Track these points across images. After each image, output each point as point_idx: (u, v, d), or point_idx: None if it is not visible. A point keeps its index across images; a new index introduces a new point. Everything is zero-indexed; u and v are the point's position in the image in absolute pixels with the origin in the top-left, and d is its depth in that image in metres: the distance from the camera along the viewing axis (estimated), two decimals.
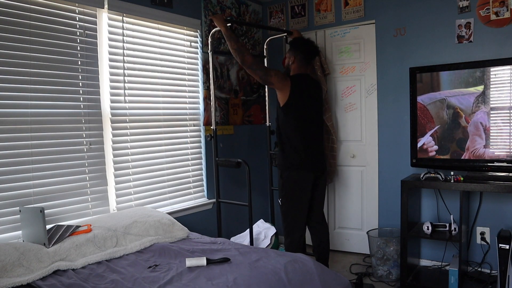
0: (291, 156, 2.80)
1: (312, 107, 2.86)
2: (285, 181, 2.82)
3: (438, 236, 2.93)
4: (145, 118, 3.03)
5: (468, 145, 2.90)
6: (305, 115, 2.82)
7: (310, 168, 2.82)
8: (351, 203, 3.75)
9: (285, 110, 2.79)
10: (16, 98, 2.32)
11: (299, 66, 2.88)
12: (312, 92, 2.88)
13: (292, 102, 2.77)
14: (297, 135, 2.79)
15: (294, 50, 2.89)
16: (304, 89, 2.81)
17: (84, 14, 2.63)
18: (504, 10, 2.89)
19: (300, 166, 2.80)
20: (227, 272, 1.95)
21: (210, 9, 3.49)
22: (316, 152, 2.88)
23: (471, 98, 2.88)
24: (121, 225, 2.42)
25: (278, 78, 2.75)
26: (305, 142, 2.80)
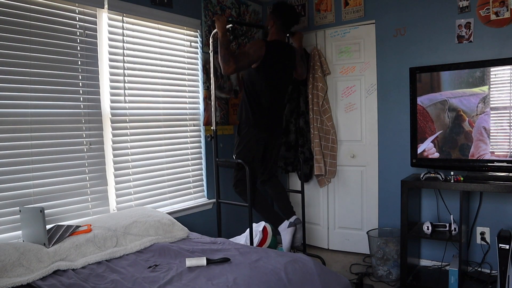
0: (251, 114, 2.94)
1: (282, 72, 3.00)
2: (241, 138, 2.98)
3: (438, 236, 2.93)
4: (145, 118, 3.03)
5: (473, 151, 2.85)
6: (273, 78, 2.95)
7: (265, 128, 2.98)
8: (351, 203, 3.75)
9: (256, 70, 2.91)
10: (16, 98, 2.32)
11: (276, 32, 2.99)
12: (284, 59, 2.99)
13: (264, 66, 2.88)
14: (262, 95, 2.93)
15: (275, 15, 2.97)
16: (276, 56, 2.92)
17: (84, 14, 2.63)
18: (504, 10, 2.89)
19: (256, 125, 2.94)
20: (227, 272, 1.95)
21: (210, 9, 3.49)
22: (275, 114, 3.04)
23: (475, 100, 2.86)
24: (121, 225, 2.42)
25: (256, 54, 2.86)
26: (268, 102, 2.96)
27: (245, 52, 2.90)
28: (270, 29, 2.99)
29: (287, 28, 3.00)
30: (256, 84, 2.92)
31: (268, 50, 2.87)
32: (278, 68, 2.94)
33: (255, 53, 2.87)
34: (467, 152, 2.87)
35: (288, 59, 3.04)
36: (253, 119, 2.93)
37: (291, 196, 4.13)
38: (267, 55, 2.87)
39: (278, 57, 2.91)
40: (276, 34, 2.97)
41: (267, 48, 2.87)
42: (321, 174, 3.71)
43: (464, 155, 2.89)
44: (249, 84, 2.95)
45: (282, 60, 2.95)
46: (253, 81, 2.92)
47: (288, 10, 2.98)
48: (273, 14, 2.97)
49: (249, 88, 2.95)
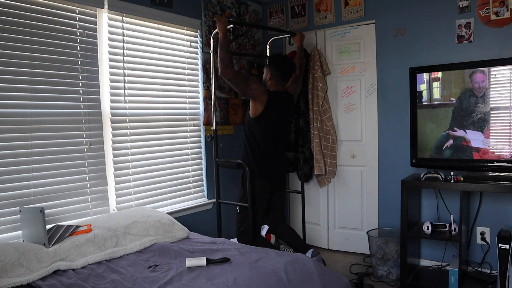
0: (254, 164, 2.89)
1: (282, 123, 2.98)
2: (245, 191, 2.90)
3: (438, 236, 2.93)
4: (145, 118, 3.03)
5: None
6: (274, 129, 2.91)
7: (269, 179, 2.94)
8: (351, 203, 3.75)
9: (256, 120, 2.86)
10: (16, 98, 2.32)
11: (275, 83, 2.95)
12: (284, 109, 2.97)
13: (264, 116, 2.84)
14: (263, 145, 2.89)
15: (271, 67, 2.93)
16: (278, 106, 2.89)
17: (84, 14, 2.63)
18: (504, 10, 2.89)
19: (261, 176, 2.90)
20: (227, 272, 1.95)
21: (210, 9, 3.49)
22: (277, 164, 3.00)
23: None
24: (121, 225, 2.42)
25: (257, 92, 2.80)
26: (269, 153, 2.92)
27: (246, 79, 2.84)
28: (268, 81, 2.97)
29: (285, 77, 2.96)
30: (257, 134, 2.88)
31: (269, 100, 2.82)
32: (279, 119, 2.92)
33: (255, 90, 2.79)
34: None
35: (288, 108, 3.02)
36: (257, 168, 2.88)
37: (291, 196, 4.14)
38: (268, 105, 2.82)
39: (278, 108, 2.89)
40: (275, 86, 2.94)
41: (269, 98, 2.82)
42: (321, 174, 3.71)
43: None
44: (249, 134, 2.91)
45: (282, 110, 2.93)
46: (253, 131, 2.89)
47: (284, 62, 2.95)
48: (270, 67, 2.94)
49: (249, 137, 2.92)
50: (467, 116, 2.90)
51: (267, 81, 2.97)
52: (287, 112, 3.02)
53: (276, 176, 3.01)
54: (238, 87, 2.79)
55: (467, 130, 2.91)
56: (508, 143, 2.78)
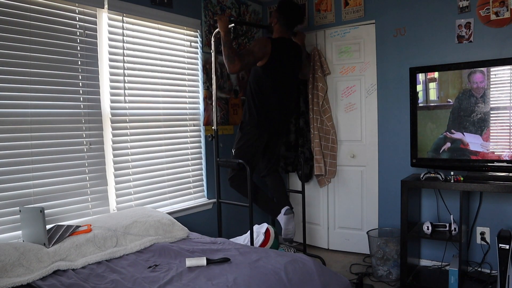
0: (255, 114, 2.93)
1: (288, 72, 2.98)
2: (243, 134, 2.98)
3: (438, 236, 2.93)
4: (145, 118, 3.03)
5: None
6: (280, 76, 2.93)
7: (267, 129, 2.97)
8: (351, 203, 3.75)
9: (263, 69, 2.88)
10: (16, 98, 2.32)
11: (280, 30, 2.97)
12: (290, 56, 2.97)
13: (270, 65, 2.86)
14: (268, 94, 2.91)
15: (278, 12, 2.96)
16: (282, 53, 2.90)
17: (84, 14, 2.63)
18: (504, 10, 2.89)
19: (259, 126, 2.93)
20: (227, 272, 1.95)
21: (210, 9, 3.49)
22: (281, 115, 3.02)
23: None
24: (121, 225, 2.42)
25: (262, 49, 2.83)
26: (272, 103, 2.94)
27: (249, 50, 2.88)
28: (273, 26, 2.98)
29: (290, 25, 2.97)
30: (262, 83, 2.90)
31: (274, 47, 2.85)
32: (285, 65, 2.92)
33: (260, 51, 2.85)
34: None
35: (294, 56, 3.02)
36: (257, 119, 2.91)
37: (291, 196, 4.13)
38: (273, 52, 2.84)
39: (284, 54, 2.89)
40: (280, 32, 2.95)
41: (273, 45, 2.85)
42: (321, 174, 3.71)
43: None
44: (254, 84, 2.92)
45: (288, 57, 2.93)
46: (259, 81, 2.90)
47: (293, 8, 2.96)
48: (277, 11, 2.96)
49: (254, 88, 2.93)
50: (466, 117, 2.90)
51: (273, 25, 2.98)
52: (293, 60, 3.01)
53: (275, 128, 3.05)
54: (250, 65, 2.86)
55: (465, 133, 2.91)
56: (508, 143, 2.78)
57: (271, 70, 2.88)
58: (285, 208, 3.07)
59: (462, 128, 2.92)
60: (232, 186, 3.13)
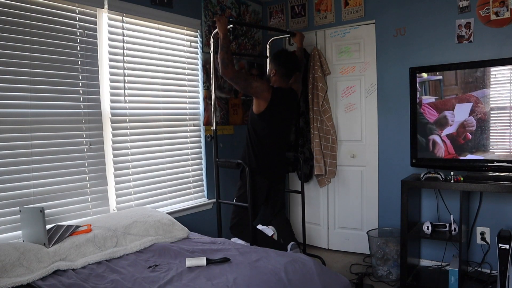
0: (254, 161, 2.90)
1: (285, 120, 2.99)
2: (243, 183, 2.94)
3: (438, 236, 2.93)
4: (145, 118, 3.03)
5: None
6: (277, 125, 2.92)
7: (267, 176, 2.95)
8: (351, 203, 3.75)
9: (259, 117, 2.86)
10: (16, 98, 2.32)
11: (279, 80, 2.94)
12: (288, 106, 2.97)
13: (268, 113, 2.84)
14: (265, 141, 2.90)
15: (276, 63, 2.92)
16: (281, 103, 2.88)
17: (84, 14, 2.63)
18: (504, 10, 2.89)
19: (259, 173, 2.91)
20: (227, 272, 1.95)
21: (210, 9, 3.49)
22: (277, 161, 3.01)
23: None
24: (121, 225, 2.42)
25: (259, 90, 2.79)
26: (270, 150, 2.93)
27: (248, 79, 2.84)
28: (272, 77, 2.96)
29: (289, 75, 2.94)
30: (259, 130, 2.88)
31: (273, 97, 2.81)
32: (282, 115, 2.92)
33: (256, 89, 2.78)
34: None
35: (292, 105, 3.03)
36: (256, 165, 2.89)
37: (291, 196, 4.14)
38: (272, 101, 2.81)
39: (282, 104, 2.88)
40: (279, 82, 2.93)
41: (272, 95, 2.81)
42: (321, 174, 3.71)
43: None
44: (252, 131, 2.91)
45: (286, 107, 2.93)
46: (256, 128, 2.89)
47: (289, 57, 2.93)
48: (274, 63, 2.93)
49: (252, 134, 2.92)
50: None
51: (272, 77, 2.96)
52: (290, 109, 3.02)
53: (275, 173, 3.02)
54: (239, 86, 2.80)
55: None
56: (508, 143, 2.78)
57: (268, 118, 2.86)
58: (290, 243, 2.99)
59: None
60: (235, 235, 3.03)
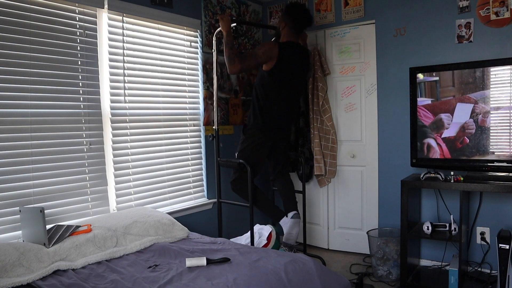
0: (260, 119, 2.90)
1: (296, 75, 2.95)
2: (247, 137, 2.94)
3: (438, 236, 2.93)
4: (145, 118, 3.03)
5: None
6: (287, 82, 2.89)
7: (271, 134, 2.94)
8: (351, 203, 3.75)
9: (269, 73, 2.84)
10: (16, 98, 2.32)
11: (288, 34, 2.92)
12: (298, 61, 2.93)
13: (277, 69, 2.82)
14: (273, 99, 2.88)
15: (287, 16, 2.91)
16: (291, 57, 2.86)
17: (84, 14, 2.63)
18: (504, 10, 2.89)
19: (264, 130, 2.90)
20: (227, 272, 1.95)
21: (210, 9, 3.49)
22: (284, 121, 3.00)
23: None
24: (121, 225, 2.42)
25: (267, 52, 2.79)
26: (278, 108, 2.91)
27: (253, 53, 2.85)
28: (281, 30, 2.93)
29: (299, 29, 2.91)
30: (269, 88, 2.85)
31: (281, 52, 2.79)
32: (293, 70, 2.87)
33: (264, 54, 2.80)
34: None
35: (302, 60, 2.98)
36: (262, 123, 2.87)
37: None
38: (281, 56, 2.78)
39: (292, 58, 2.84)
40: (288, 36, 2.89)
41: (280, 50, 2.79)
42: (321, 174, 3.71)
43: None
44: (260, 88, 2.88)
45: (296, 61, 2.88)
46: (265, 86, 2.85)
47: (301, 11, 2.92)
48: (285, 15, 2.91)
49: (260, 92, 2.88)
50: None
51: (281, 30, 2.94)
52: (301, 64, 2.97)
53: (280, 133, 3.01)
54: (251, 66, 2.83)
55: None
56: (508, 143, 2.78)
57: (277, 75, 2.83)
58: (292, 212, 3.03)
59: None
60: (234, 190, 3.09)
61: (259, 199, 3.03)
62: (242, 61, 2.75)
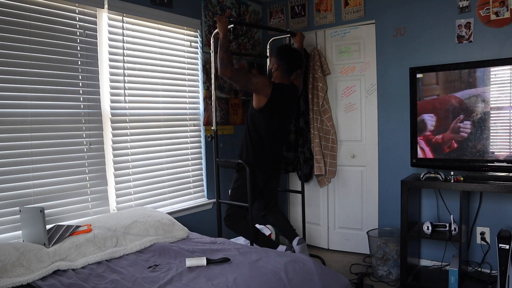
0: (252, 155, 2.92)
1: (285, 116, 3.00)
2: (240, 175, 2.96)
3: (438, 236, 2.93)
4: (145, 118, 3.03)
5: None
6: (276, 121, 2.93)
7: (264, 170, 2.97)
8: (351, 203, 3.75)
9: (259, 112, 2.87)
10: (16, 98, 2.32)
11: (280, 75, 2.93)
12: (289, 102, 2.98)
13: (268, 108, 2.84)
14: (264, 136, 2.91)
15: (278, 58, 2.91)
16: (282, 98, 2.88)
17: (84, 14, 2.63)
18: (504, 10, 2.89)
19: (257, 167, 2.92)
20: (227, 272, 1.95)
21: (210, 9, 3.49)
22: (274, 156, 3.03)
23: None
24: (121, 225, 2.42)
25: (259, 85, 2.80)
26: (269, 145, 2.94)
27: (248, 76, 2.83)
28: (273, 72, 2.95)
29: (291, 71, 2.93)
30: (259, 125, 2.89)
31: (274, 92, 2.81)
32: (282, 111, 2.92)
33: (256, 86, 2.78)
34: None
35: (292, 101, 3.03)
36: (253, 159, 2.90)
37: (291, 196, 4.14)
38: (272, 97, 2.81)
39: (283, 99, 2.88)
40: (281, 77, 2.92)
41: (273, 91, 2.81)
42: (321, 174, 3.71)
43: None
44: (251, 125, 2.91)
45: (286, 102, 2.93)
46: (256, 123, 2.89)
47: (292, 54, 2.93)
48: (277, 58, 2.91)
49: (251, 128, 2.92)
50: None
51: (273, 71, 2.95)
52: (291, 105, 3.02)
53: (272, 167, 3.04)
54: (239, 84, 2.81)
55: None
56: (508, 143, 2.78)
57: (268, 114, 2.86)
58: (297, 238, 2.98)
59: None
60: (228, 226, 3.04)
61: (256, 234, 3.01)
62: (234, 72, 2.74)
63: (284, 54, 2.91)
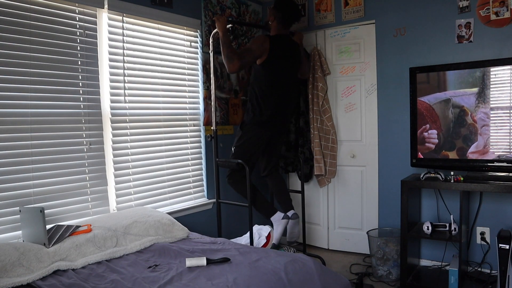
0: (258, 113, 2.95)
1: (288, 68, 3.01)
2: (244, 132, 2.99)
3: (438, 236, 2.93)
4: (145, 118, 3.03)
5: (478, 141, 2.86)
6: (280, 72, 2.95)
7: (268, 128, 2.99)
8: (351, 203, 3.75)
9: (262, 66, 2.91)
10: (16, 98, 2.32)
11: (278, 27, 2.99)
12: (288, 54, 3.00)
13: (269, 61, 2.89)
14: (268, 92, 2.94)
15: (275, 10, 2.99)
16: (281, 50, 2.92)
17: (84, 14, 2.63)
18: (504, 10, 2.89)
19: (263, 124, 2.95)
20: (227, 272, 1.95)
21: (210, 9, 3.49)
22: (282, 112, 3.04)
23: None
24: (121, 225, 2.42)
25: (260, 47, 2.87)
26: (274, 101, 2.96)
27: (248, 49, 2.91)
28: (271, 24, 3.01)
29: (288, 23, 3.01)
30: (263, 81, 2.92)
31: (272, 44, 2.88)
32: (284, 62, 2.96)
33: (258, 48, 2.88)
34: (470, 143, 2.89)
35: (292, 53, 3.06)
36: (259, 117, 2.93)
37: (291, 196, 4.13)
38: (272, 49, 2.88)
39: (282, 50, 2.93)
40: (278, 29, 2.99)
41: (271, 42, 2.89)
42: (321, 174, 3.71)
43: (467, 145, 2.90)
44: (255, 83, 2.96)
45: (287, 53, 2.97)
46: (260, 79, 2.93)
47: (289, 5, 3.00)
48: (274, 9, 3.00)
49: (256, 87, 2.96)
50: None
51: (270, 23, 3.01)
52: (291, 56, 3.04)
53: (276, 127, 3.06)
54: (248, 62, 2.89)
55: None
56: (508, 143, 2.78)
57: (270, 67, 2.91)
58: (291, 212, 3.06)
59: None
60: (229, 183, 3.14)
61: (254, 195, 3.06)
62: (240, 58, 2.82)
63: (280, 5, 2.98)
